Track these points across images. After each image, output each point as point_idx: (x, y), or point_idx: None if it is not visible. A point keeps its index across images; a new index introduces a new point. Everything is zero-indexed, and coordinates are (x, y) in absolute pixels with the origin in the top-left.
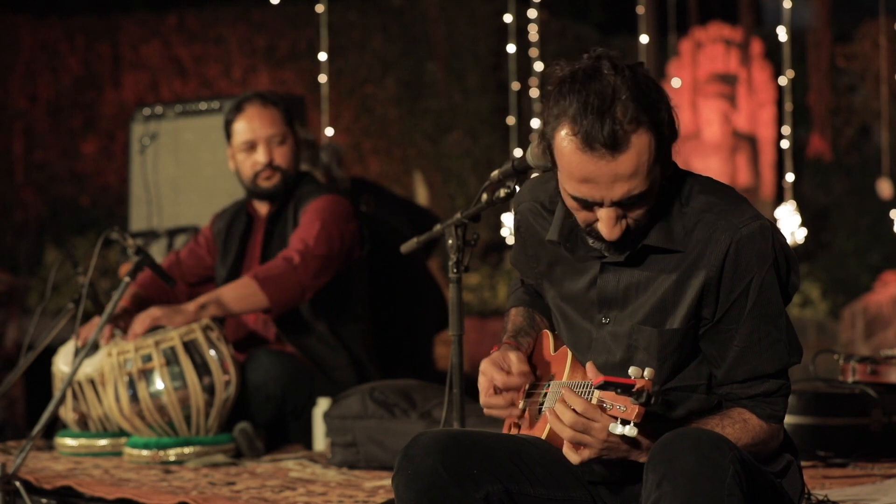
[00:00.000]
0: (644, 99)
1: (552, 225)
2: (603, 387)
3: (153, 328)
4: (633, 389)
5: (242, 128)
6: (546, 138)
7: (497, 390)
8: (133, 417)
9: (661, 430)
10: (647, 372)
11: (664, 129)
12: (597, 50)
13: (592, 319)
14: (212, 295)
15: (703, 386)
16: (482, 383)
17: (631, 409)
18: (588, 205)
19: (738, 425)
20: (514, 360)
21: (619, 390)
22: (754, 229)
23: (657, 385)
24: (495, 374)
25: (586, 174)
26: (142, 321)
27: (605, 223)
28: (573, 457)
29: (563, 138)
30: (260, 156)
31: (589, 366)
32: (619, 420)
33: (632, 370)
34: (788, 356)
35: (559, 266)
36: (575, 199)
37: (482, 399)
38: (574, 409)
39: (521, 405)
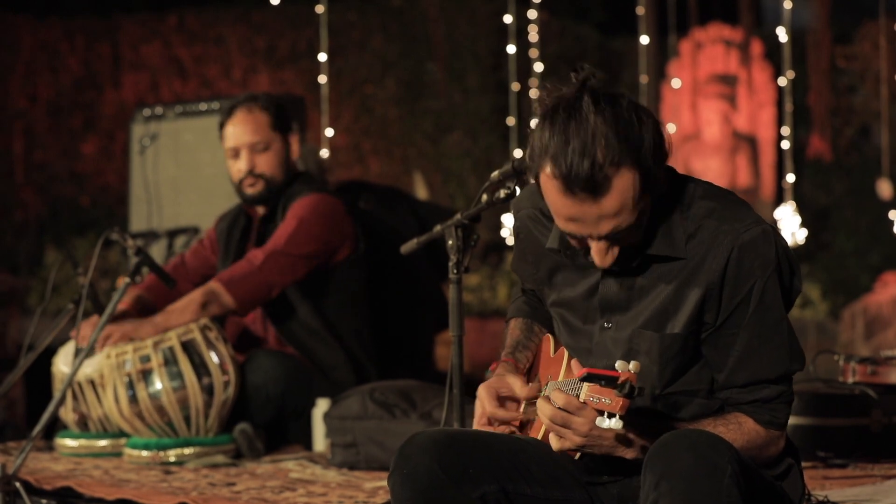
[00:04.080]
0: (625, 136)
1: (552, 233)
2: (587, 378)
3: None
4: (618, 382)
5: (228, 133)
6: (533, 171)
7: (490, 421)
8: (133, 418)
9: (655, 429)
10: (633, 365)
11: (648, 162)
12: (583, 70)
13: (594, 324)
14: (180, 302)
15: (704, 390)
16: (477, 409)
17: (615, 401)
18: (577, 238)
19: (733, 426)
20: (517, 386)
21: (603, 382)
22: (756, 234)
23: (657, 390)
24: (487, 404)
25: (571, 214)
26: (111, 337)
27: (597, 254)
28: (554, 443)
29: (547, 178)
30: (242, 163)
31: (574, 363)
32: (605, 414)
33: (618, 364)
34: (790, 362)
35: (560, 272)
36: (565, 231)
37: (475, 427)
38: (554, 404)
39: (522, 408)
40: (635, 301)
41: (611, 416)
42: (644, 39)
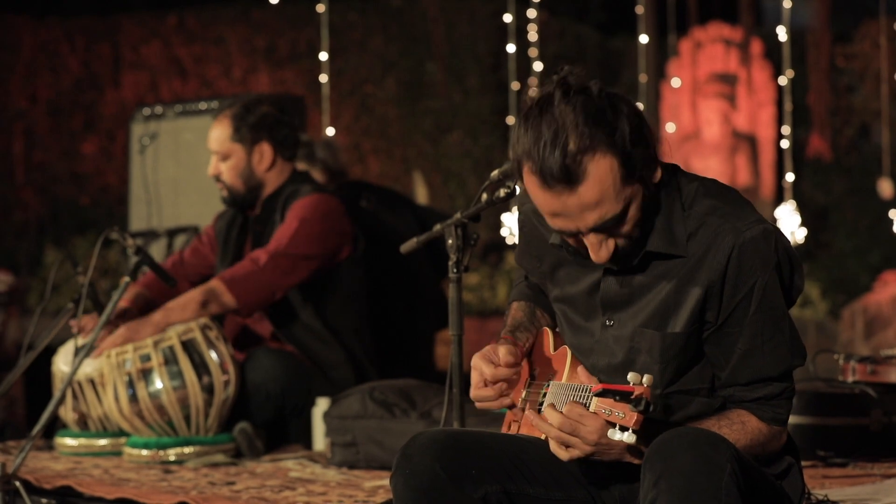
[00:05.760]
0: (597, 121)
1: None
2: (602, 394)
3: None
4: (632, 397)
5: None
6: (517, 174)
7: (487, 383)
8: (132, 417)
9: (661, 433)
10: (646, 378)
11: (627, 145)
12: (563, 70)
13: (595, 321)
14: (180, 299)
15: (705, 389)
16: (473, 378)
17: (630, 416)
18: (569, 234)
19: (736, 426)
20: (502, 352)
21: (617, 397)
22: (757, 233)
23: (658, 389)
24: (484, 367)
25: (554, 209)
26: (111, 341)
27: (591, 249)
28: (561, 453)
29: (527, 177)
30: (210, 168)
31: (581, 370)
32: (617, 426)
33: (631, 376)
34: (791, 358)
35: (562, 268)
36: (555, 230)
37: (472, 392)
38: (561, 412)
39: (522, 395)
40: (636, 299)
41: (623, 429)
42: (644, 39)
